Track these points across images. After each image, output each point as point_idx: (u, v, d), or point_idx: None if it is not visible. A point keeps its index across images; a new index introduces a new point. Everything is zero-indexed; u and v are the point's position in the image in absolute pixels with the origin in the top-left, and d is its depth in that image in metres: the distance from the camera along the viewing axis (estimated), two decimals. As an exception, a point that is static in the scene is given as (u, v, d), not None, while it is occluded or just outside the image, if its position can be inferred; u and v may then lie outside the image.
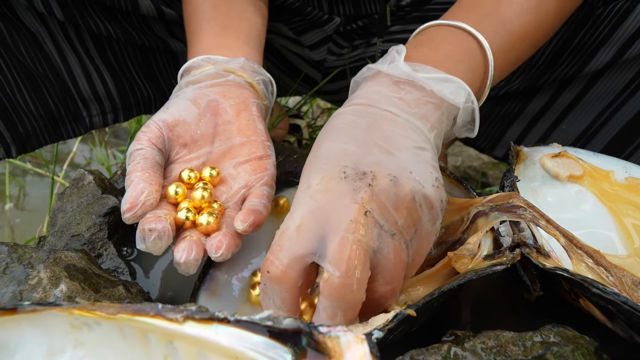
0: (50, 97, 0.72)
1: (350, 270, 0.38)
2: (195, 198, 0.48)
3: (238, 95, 0.55)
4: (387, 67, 0.47)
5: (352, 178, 0.40)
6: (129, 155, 0.49)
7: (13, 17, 0.66)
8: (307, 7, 0.76)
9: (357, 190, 0.39)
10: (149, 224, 0.44)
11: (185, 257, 0.44)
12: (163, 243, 0.44)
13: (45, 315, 0.34)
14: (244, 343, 0.31)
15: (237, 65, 0.58)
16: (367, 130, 0.43)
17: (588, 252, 0.44)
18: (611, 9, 0.65)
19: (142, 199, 0.45)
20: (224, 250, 0.45)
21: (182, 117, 0.52)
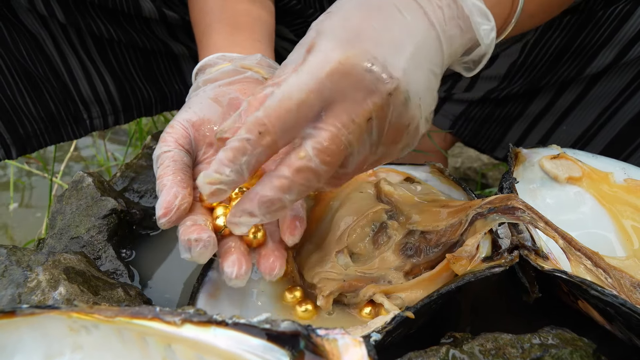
0: (50, 99, 0.73)
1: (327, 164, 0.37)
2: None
3: None
4: None
5: (377, 75, 0.37)
6: (157, 158, 0.48)
7: (14, 19, 0.66)
8: (308, 9, 0.76)
9: (374, 94, 0.37)
10: (192, 234, 0.43)
11: (237, 272, 0.43)
12: (209, 252, 0.43)
13: (44, 318, 0.34)
14: (242, 346, 0.31)
15: (254, 61, 0.57)
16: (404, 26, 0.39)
17: (587, 254, 0.44)
18: (611, 12, 0.65)
19: (176, 203, 0.44)
20: (278, 271, 0.44)
21: (206, 116, 0.51)
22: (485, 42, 0.44)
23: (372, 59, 0.37)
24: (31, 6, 0.64)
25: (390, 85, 0.37)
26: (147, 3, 0.71)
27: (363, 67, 0.37)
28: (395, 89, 0.37)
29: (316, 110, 0.37)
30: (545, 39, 0.72)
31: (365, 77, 0.37)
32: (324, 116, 0.38)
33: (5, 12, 0.65)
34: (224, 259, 0.44)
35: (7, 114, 0.69)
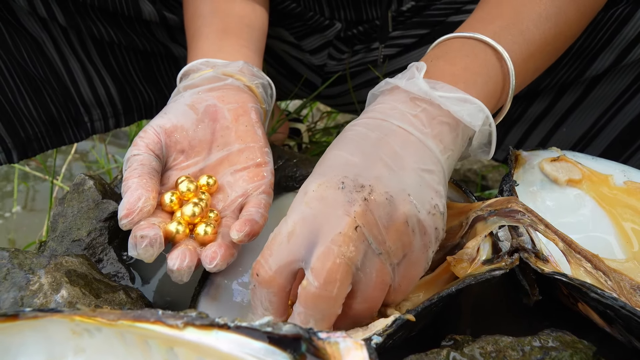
0: (51, 102, 0.73)
1: (328, 283, 0.38)
2: (185, 213, 0.48)
3: (237, 99, 0.55)
4: (405, 83, 0.46)
5: (350, 189, 0.39)
6: (127, 161, 0.49)
7: (15, 22, 0.66)
8: (308, 12, 0.77)
9: (352, 203, 0.39)
10: (141, 230, 0.44)
11: (179, 264, 0.44)
12: (154, 250, 0.44)
13: (47, 322, 0.34)
14: (244, 349, 0.31)
15: (236, 68, 0.57)
16: (375, 144, 0.42)
17: (587, 257, 0.45)
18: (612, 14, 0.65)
19: (139, 205, 0.46)
20: (219, 261, 0.45)
21: (179, 122, 0.52)
22: (477, 124, 0.45)
23: (343, 178, 0.40)
24: (32, 9, 0.64)
25: (364, 192, 0.39)
26: (147, 6, 0.71)
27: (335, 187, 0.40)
28: (370, 193, 0.39)
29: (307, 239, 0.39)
30: None
31: (339, 196, 0.39)
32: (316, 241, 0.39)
33: (5, 15, 0.65)
34: (169, 254, 0.45)
35: (8, 117, 0.69)
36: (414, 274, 0.42)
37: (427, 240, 0.41)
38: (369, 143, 0.42)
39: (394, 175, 0.41)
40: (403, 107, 0.44)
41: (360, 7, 0.75)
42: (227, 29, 0.63)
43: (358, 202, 0.39)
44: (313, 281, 0.38)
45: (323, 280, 0.38)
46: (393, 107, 0.45)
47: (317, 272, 0.38)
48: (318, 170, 0.42)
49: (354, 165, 0.41)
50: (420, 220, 0.40)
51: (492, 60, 0.48)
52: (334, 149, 0.43)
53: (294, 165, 0.67)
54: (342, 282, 0.38)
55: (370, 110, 0.46)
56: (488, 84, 0.47)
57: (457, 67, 0.47)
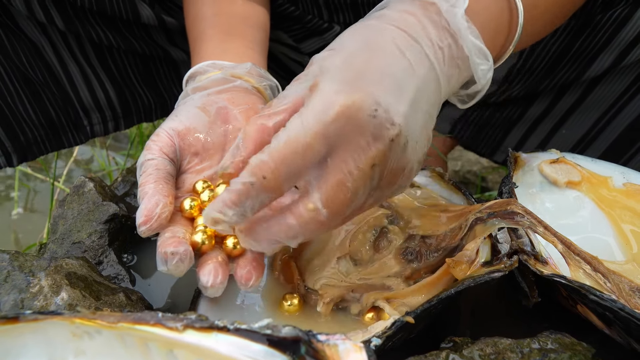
0: (51, 106, 0.73)
1: (335, 215, 0.38)
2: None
3: (246, 101, 0.54)
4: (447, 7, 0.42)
5: (381, 121, 0.37)
6: (140, 166, 0.48)
7: (14, 27, 0.66)
8: (307, 16, 0.77)
9: (378, 139, 0.37)
10: (169, 247, 0.43)
11: (212, 281, 0.43)
12: (185, 266, 0.43)
13: (47, 324, 0.34)
14: (244, 351, 0.31)
15: (244, 70, 0.57)
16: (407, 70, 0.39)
17: (586, 259, 0.45)
18: (610, 15, 0.66)
19: (157, 211, 0.44)
20: (254, 281, 0.44)
21: (192, 125, 0.51)
22: (482, 82, 0.45)
23: (376, 104, 0.37)
24: (30, 14, 0.64)
25: (392, 132, 0.37)
26: (145, 9, 0.71)
27: (367, 112, 0.37)
28: (397, 135, 0.37)
29: (322, 154, 0.37)
30: (544, 43, 0.73)
31: (370, 123, 0.37)
32: (329, 162, 0.37)
33: (4, 19, 0.65)
34: (200, 268, 0.44)
35: (8, 121, 0.69)
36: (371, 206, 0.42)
37: (405, 184, 0.41)
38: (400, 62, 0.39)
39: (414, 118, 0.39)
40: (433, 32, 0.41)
41: (359, 10, 0.75)
42: (231, 30, 0.62)
43: (384, 141, 0.37)
44: (323, 209, 0.37)
45: (331, 212, 0.37)
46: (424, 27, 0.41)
47: (328, 203, 0.37)
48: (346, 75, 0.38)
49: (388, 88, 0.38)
50: (412, 169, 0.41)
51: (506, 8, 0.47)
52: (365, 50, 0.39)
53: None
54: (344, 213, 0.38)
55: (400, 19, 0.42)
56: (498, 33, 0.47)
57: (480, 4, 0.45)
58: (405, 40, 0.40)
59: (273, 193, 0.38)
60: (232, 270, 0.45)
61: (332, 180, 0.37)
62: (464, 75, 0.44)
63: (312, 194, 0.38)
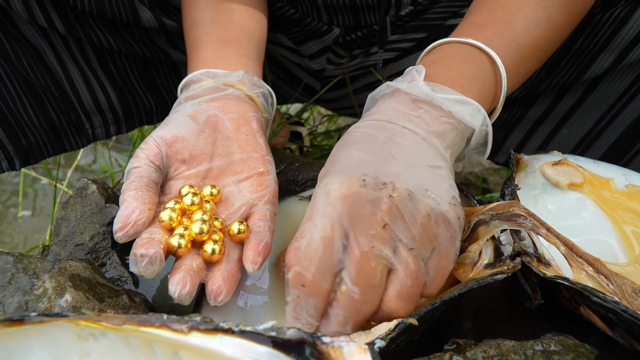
0: (52, 110, 0.73)
1: (368, 287, 0.39)
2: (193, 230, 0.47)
3: (237, 109, 0.55)
4: (406, 86, 0.48)
5: (372, 187, 0.40)
6: (127, 173, 0.50)
7: (15, 31, 0.66)
8: (306, 18, 0.77)
9: (378, 201, 0.40)
10: (140, 248, 0.44)
11: (179, 291, 0.43)
12: (155, 268, 0.44)
13: (52, 326, 0.34)
14: (248, 353, 0.31)
15: (236, 78, 0.58)
16: (384, 143, 0.44)
17: (588, 261, 0.45)
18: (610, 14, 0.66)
19: (133, 218, 0.45)
20: (223, 297, 0.45)
21: (180, 133, 0.52)
22: (476, 124, 0.47)
23: (363, 176, 0.41)
24: (31, 18, 0.64)
25: (386, 190, 0.40)
26: (146, 13, 0.71)
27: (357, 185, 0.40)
28: (393, 190, 0.40)
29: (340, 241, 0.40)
30: None
31: (362, 192, 0.40)
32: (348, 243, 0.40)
33: (5, 24, 0.65)
34: (171, 276, 0.45)
35: (10, 125, 0.69)
36: (445, 266, 0.43)
37: (452, 230, 0.42)
38: (378, 143, 0.44)
39: (410, 172, 0.42)
40: (405, 108, 0.46)
41: (359, 13, 0.75)
42: (227, 37, 0.63)
43: (383, 200, 0.40)
44: (353, 287, 0.39)
45: (363, 285, 0.39)
46: (395, 109, 0.46)
47: (356, 278, 0.39)
48: (334, 169, 0.42)
49: (370, 164, 0.42)
50: (442, 212, 0.41)
51: (486, 65, 0.50)
52: (344, 149, 0.44)
53: (296, 169, 0.67)
54: (380, 284, 0.39)
55: (372, 113, 0.47)
56: (483, 89, 0.49)
57: (454, 72, 0.49)
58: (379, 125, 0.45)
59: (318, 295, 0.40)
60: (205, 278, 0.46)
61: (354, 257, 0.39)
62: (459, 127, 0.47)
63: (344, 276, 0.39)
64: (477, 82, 0.49)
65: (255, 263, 0.46)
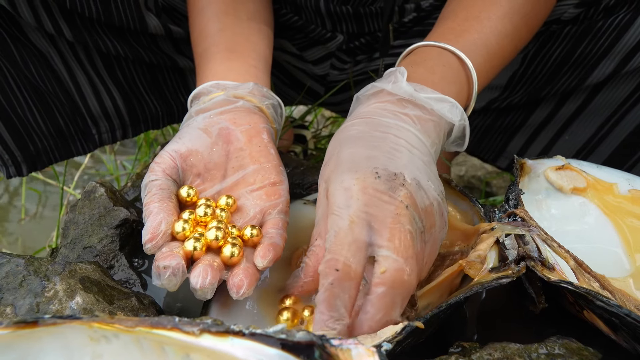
0: (60, 116, 0.74)
1: (410, 257, 0.40)
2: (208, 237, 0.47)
3: (248, 121, 0.56)
4: (391, 86, 0.50)
5: (386, 178, 0.43)
6: (145, 187, 0.50)
7: (23, 38, 0.67)
8: (310, 25, 0.77)
9: (394, 189, 0.42)
10: (163, 260, 0.44)
11: (201, 282, 0.44)
12: (178, 280, 0.44)
13: (65, 328, 0.35)
14: (259, 355, 0.32)
15: (246, 90, 0.58)
16: (384, 139, 0.46)
17: (596, 277, 0.45)
18: (611, 22, 0.66)
19: (162, 229, 0.46)
20: (245, 289, 0.45)
21: (194, 146, 0.53)
22: (455, 119, 0.51)
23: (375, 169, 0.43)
24: (39, 25, 0.65)
25: (399, 180, 0.43)
26: (152, 19, 0.72)
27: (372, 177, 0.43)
28: (404, 180, 0.43)
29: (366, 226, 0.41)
30: (546, 50, 0.73)
31: (379, 185, 0.42)
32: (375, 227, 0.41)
33: (13, 31, 0.66)
34: (191, 270, 0.45)
35: (18, 131, 0.70)
36: (434, 252, 0.46)
37: (443, 221, 0.46)
38: (377, 139, 0.46)
39: (413, 165, 0.45)
40: (392, 107, 0.49)
41: (362, 20, 0.76)
42: (235, 48, 0.63)
43: (399, 188, 0.42)
44: (397, 258, 0.40)
45: (407, 255, 0.40)
46: (384, 107, 0.49)
47: (397, 249, 0.40)
48: (344, 168, 0.44)
49: (377, 159, 0.44)
50: (440, 202, 0.45)
51: (461, 70, 0.55)
52: (346, 147, 0.46)
53: (301, 173, 0.67)
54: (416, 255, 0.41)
55: (362, 112, 0.50)
56: (460, 92, 0.54)
57: (436, 75, 0.53)
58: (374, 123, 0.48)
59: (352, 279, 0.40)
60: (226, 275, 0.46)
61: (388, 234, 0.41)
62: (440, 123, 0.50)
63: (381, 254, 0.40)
64: (454, 86, 0.53)
65: (264, 257, 0.47)
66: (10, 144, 0.70)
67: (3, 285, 0.45)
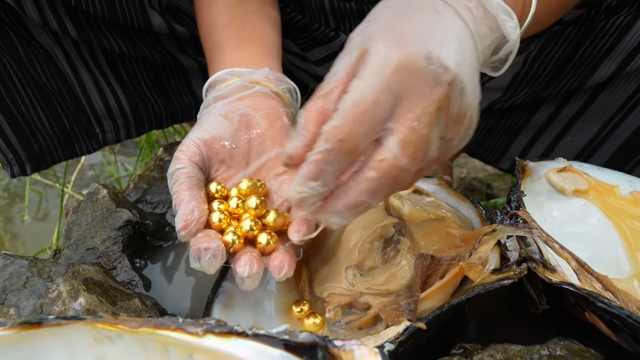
0: (64, 115, 0.74)
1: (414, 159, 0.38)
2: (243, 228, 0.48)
3: (267, 106, 0.55)
4: None
5: (436, 67, 0.39)
6: (171, 176, 0.49)
7: (28, 36, 0.67)
8: (313, 24, 0.78)
9: (438, 84, 0.39)
10: (202, 243, 0.44)
11: (248, 271, 0.44)
12: (217, 262, 0.44)
13: (69, 329, 0.35)
14: (262, 356, 0.32)
15: (262, 75, 0.58)
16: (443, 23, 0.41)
17: (598, 278, 0.45)
18: (613, 22, 0.66)
19: (195, 215, 0.45)
20: (287, 270, 0.45)
21: (217, 133, 0.52)
22: (512, 38, 0.47)
23: (428, 53, 0.38)
24: (44, 23, 0.65)
25: (448, 76, 0.39)
26: (157, 18, 0.72)
27: (422, 61, 0.38)
28: (454, 79, 0.39)
29: (389, 108, 0.38)
30: (548, 50, 0.73)
31: (427, 71, 0.38)
32: (397, 113, 0.38)
33: (18, 28, 0.66)
34: (236, 262, 0.45)
35: (22, 129, 0.70)
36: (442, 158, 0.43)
37: (467, 134, 0.42)
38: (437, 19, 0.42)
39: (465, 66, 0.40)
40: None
41: None
42: (246, 37, 0.63)
43: (444, 85, 0.39)
44: (401, 154, 0.38)
45: (411, 155, 0.38)
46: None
47: (405, 146, 0.38)
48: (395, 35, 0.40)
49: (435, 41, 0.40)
50: (473, 116, 0.42)
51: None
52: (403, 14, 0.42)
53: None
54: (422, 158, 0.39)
55: None
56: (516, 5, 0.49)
57: None
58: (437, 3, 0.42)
59: (351, 155, 0.38)
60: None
61: (404, 126, 0.38)
62: (494, 35, 0.45)
63: (387, 143, 0.38)
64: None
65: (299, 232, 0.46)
66: (15, 142, 0.70)
67: (7, 287, 0.46)
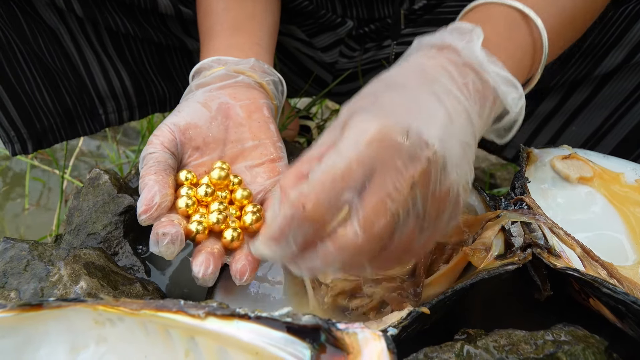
0: (67, 94, 0.74)
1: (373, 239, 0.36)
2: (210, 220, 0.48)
3: (248, 96, 0.56)
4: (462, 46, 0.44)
5: (414, 143, 0.37)
6: (142, 159, 0.50)
7: (33, 13, 0.67)
8: (320, 10, 0.77)
9: (415, 160, 0.37)
10: (162, 228, 0.44)
11: (203, 271, 0.44)
12: (176, 247, 0.44)
13: (70, 311, 0.35)
14: (264, 338, 0.32)
15: (247, 66, 0.58)
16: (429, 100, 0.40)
17: (603, 265, 0.45)
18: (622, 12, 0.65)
19: (157, 200, 0.46)
20: (248, 275, 0.45)
21: (193, 120, 0.53)
22: (515, 111, 0.45)
23: (407, 127, 0.37)
24: (50, 0, 0.65)
25: (428, 152, 0.37)
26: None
27: (400, 135, 0.37)
28: (434, 155, 0.37)
29: (360, 180, 0.37)
30: None
31: (403, 145, 0.37)
32: (368, 186, 0.37)
33: (24, 5, 0.66)
34: (193, 258, 0.45)
35: (25, 107, 0.70)
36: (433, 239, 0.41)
37: (457, 211, 0.40)
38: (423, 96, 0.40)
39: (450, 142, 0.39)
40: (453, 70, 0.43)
41: (373, 6, 0.75)
42: (239, 25, 0.63)
43: (421, 161, 0.37)
44: (359, 232, 0.36)
45: (370, 235, 0.36)
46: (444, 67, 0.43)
47: (366, 225, 0.36)
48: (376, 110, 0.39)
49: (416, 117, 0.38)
50: (458, 193, 0.40)
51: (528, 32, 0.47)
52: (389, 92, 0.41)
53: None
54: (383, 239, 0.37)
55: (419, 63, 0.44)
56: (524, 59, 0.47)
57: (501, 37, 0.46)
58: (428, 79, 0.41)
59: (315, 223, 0.37)
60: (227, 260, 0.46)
61: (371, 202, 0.36)
62: (495, 107, 0.44)
63: (352, 218, 0.37)
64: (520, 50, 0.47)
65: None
66: (17, 120, 0.70)
67: (7, 270, 0.45)
